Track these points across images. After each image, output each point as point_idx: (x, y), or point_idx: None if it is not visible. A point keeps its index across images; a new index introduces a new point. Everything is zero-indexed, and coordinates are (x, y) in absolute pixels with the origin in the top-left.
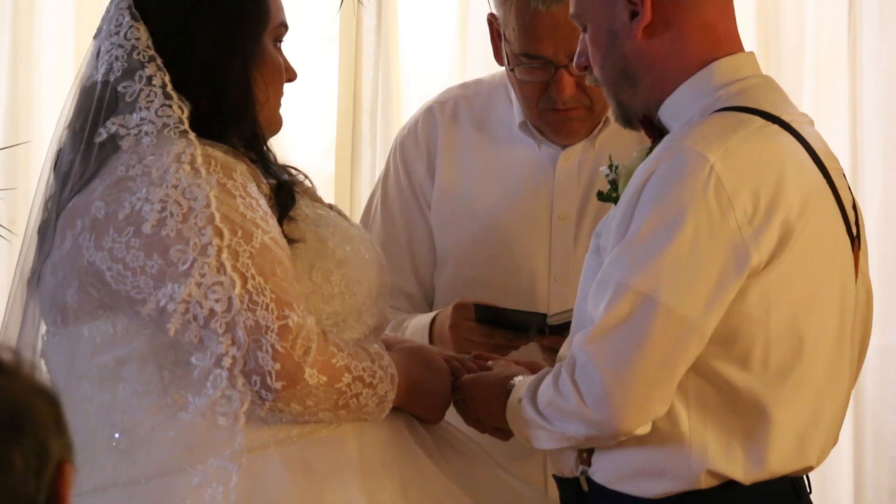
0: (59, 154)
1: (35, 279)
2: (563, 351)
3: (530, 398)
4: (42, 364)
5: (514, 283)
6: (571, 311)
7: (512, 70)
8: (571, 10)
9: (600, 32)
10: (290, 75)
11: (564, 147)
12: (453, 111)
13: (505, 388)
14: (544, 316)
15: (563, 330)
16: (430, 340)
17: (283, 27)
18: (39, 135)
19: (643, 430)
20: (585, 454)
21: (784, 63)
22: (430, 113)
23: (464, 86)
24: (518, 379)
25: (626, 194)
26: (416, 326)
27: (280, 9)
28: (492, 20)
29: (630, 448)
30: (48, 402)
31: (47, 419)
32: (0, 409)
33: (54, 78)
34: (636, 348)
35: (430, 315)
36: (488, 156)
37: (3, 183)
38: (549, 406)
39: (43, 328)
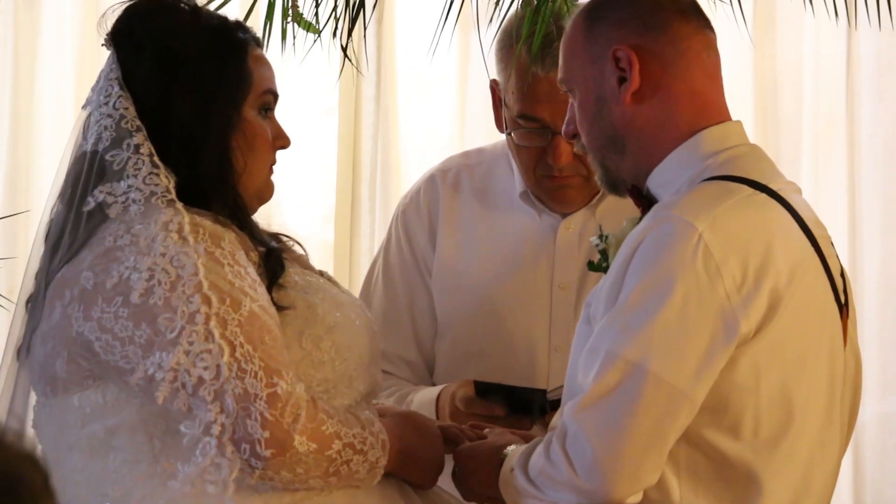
0: (50, 224)
1: (25, 350)
2: (554, 420)
3: (522, 467)
4: (33, 434)
5: (515, 353)
6: None
7: (510, 134)
8: (560, 75)
9: (588, 98)
10: (283, 142)
11: (565, 216)
12: (455, 180)
13: (498, 458)
14: (544, 392)
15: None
16: (437, 414)
17: (270, 94)
18: (39, 204)
19: (634, 498)
20: None
21: (782, 131)
22: (432, 181)
23: (466, 154)
24: (511, 448)
25: (616, 263)
26: (421, 401)
27: (265, 77)
28: (494, 87)
29: None
30: (37, 468)
31: (38, 485)
32: None
33: (54, 147)
34: (626, 417)
35: (437, 389)
36: (489, 225)
37: (2, 252)
38: (540, 475)
39: (33, 399)
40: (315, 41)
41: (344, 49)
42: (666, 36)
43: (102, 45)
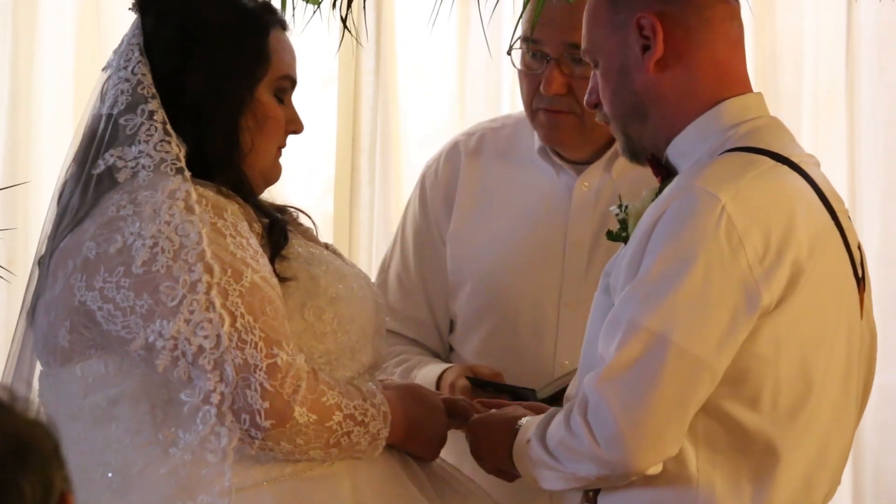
0: (64, 186)
1: (30, 315)
2: (570, 391)
3: (539, 438)
4: (39, 403)
5: (525, 306)
6: (560, 379)
7: (510, 55)
8: (583, 45)
9: (612, 67)
10: (296, 127)
11: (580, 171)
12: (478, 142)
13: (512, 428)
14: (534, 392)
15: (555, 401)
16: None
17: (288, 80)
18: (39, 175)
19: (654, 469)
20: (591, 494)
21: (782, 104)
22: (454, 147)
23: (493, 119)
24: (525, 420)
25: (637, 234)
26: (424, 379)
27: (286, 62)
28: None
29: (637, 488)
30: (47, 434)
31: (49, 450)
32: (5, 440)
33: (54, 118)
34: (649, 388)
35: (437, 371)
36: (507, 181)
37: (2, 223)
38: (559, 446)
39: (38, 368)
40: (315, 12)
41: (343, 20)
42: (690, 4)
43: (129, 8)
